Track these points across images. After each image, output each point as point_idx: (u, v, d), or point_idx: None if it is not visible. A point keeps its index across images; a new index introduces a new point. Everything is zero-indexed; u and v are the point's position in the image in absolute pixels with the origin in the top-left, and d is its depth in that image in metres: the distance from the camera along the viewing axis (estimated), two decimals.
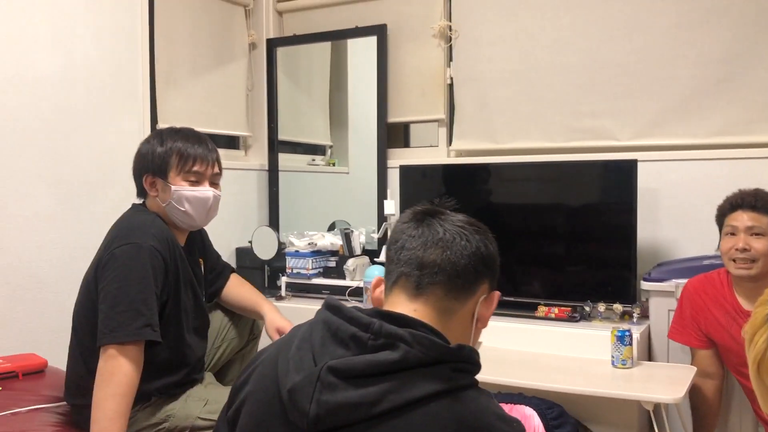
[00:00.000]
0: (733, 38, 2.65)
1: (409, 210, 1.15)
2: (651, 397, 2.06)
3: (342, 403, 0.93)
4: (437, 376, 0.95)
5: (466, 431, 0.93)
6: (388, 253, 1.12)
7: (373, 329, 0.97)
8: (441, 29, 3.21)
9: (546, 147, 3.01)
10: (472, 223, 1.13)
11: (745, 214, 2.14)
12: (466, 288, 1.08)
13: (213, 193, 1.92)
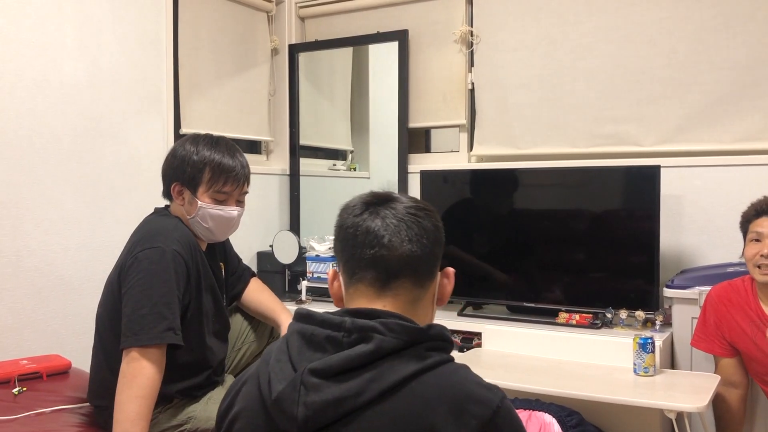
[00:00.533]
0: (758, 43, 2.62)
1: (358, 200, 1.12)
2: (674, 406, 2.03)
3: (328, 401, 0.96)
4: (413, 358, 0.99)
5: (449, 401, 0.96)
6: (344, 248, 1.10)
7: (346, 327, 1.00)
8: (462, 34, 3.21)
9: (568, 153, 2.99)
10: (420, 206, 1.12)
11: None
12: (430, 273, 1.11)
13: (238, 212, 1.93)
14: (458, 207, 3.04)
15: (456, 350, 2.76)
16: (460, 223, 3.02)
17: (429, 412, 0.95)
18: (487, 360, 2.56)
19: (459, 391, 0.97)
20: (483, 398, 0.98)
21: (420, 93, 3.36)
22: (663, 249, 2.59)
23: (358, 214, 1.10)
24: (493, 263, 2.92)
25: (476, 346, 2.72)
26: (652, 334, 2.36)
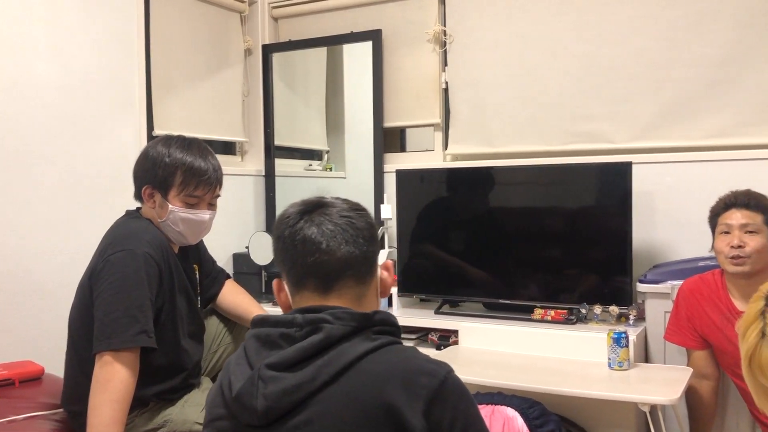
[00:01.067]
0: (727, 41, 2.67)
1: (292, 210, 1.17)
2: (647, 399, 2.06)
3: (285, 389, 1.02)
4: (362, 341, 1.06)
5: (399, 375, 1.02)
6: (285, 258, 1.14)
7: (297, 322, 1.07)
8: (436, 34, 3.23)
9: (542, 150, 3.02)
10: (354, 206, 1.18)
11: (738, 212, 2.16)
12: (370, 270, 1.17)
13: (209, 216, 1.92)
14: (434, 206, 3.05)
15: (433, 348, 2.77)
16: (436, 222, 3.03)
17: (381, 386, 1.01)
18: (464, 357, 2.58)
19: (408, 365, 1.04)
20: (430, 370, 1.04)
21: (395, 92, 3.36)
22: (636, 245, 2.62)
23: (293, 224, 1.14)
24: (469, 261, 2.94)
25: (453, 343, 2.74)
26: (626, 328, 2.39)
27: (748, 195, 2.20)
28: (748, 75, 2.64)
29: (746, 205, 2.17)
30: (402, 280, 3.03)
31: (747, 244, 2.12)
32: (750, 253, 2.12)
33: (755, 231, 2.13)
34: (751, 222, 2.14)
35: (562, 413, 2.35)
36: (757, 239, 2.12)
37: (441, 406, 1.01)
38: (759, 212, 2.15)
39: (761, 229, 2.14)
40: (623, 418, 2.35)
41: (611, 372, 2.30)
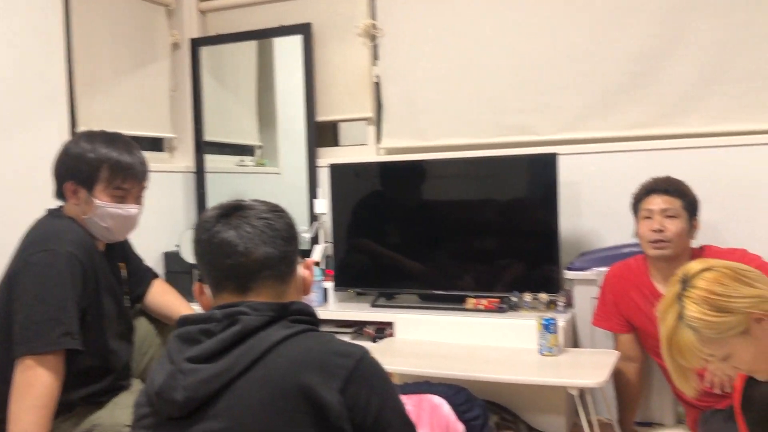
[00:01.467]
0: (647, 35, 2.76)
1: (209, 215, 1.18)
2: (575, 383, 2.13)
3: (203, 379, 1.05)
4: (279, 329, 1.09)
5: (315, 357, 1.06)
6: (204, 262, 1.16)
7: (215, 317, 1.10)
8: (366, 28, 3.23)
9: (473, 143, 3.06)
10: (272, 208, 1.21)
11: (659, 198, 2.25)
12: (289, 270, 1.19)
13: (137, 211, 1.88)
14: (368, 199, 3.06)
15: (369, 341, 2.78)
16: (370, 216, 3.04)
17: (297, 368, 1.04)
18: (399, 349, 2.60)
19: (324, 348, 1.08)
20: (346, 352, 1.09)
21: (326, 86, 3.35)
22: (563, 233, 2.69)
23: (210, 227, 1.16)
24: (404, 254, 2.96)
25: (389, 336, 2.76)
26: (555, 315, 2.46)
27: (667, 181, 2.30)
28: (666, 68, 2.74)
29: (666, 191, 2.26)
30: (337, 275, 3.03)
31: (667, 229, 2.21)
32: (670, 237, 2.21)
33: (675, 215, 2.22)
34: (671, 207, 2.23)
35: (495, 399, 2.41)
36: (677, 223, 2.22)
37: (357, 384, 1.05)
38: (678, 197, 2.25)
39: (680, 214, 2.23)
40: (554, 402, 2.42)
41: (541, 358, 2.36)
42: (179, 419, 1.06)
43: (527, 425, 2.40)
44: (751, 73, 2.62)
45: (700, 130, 2.70)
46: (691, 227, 2.26)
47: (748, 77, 2.63)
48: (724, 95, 2.66)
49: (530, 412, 2.44)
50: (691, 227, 2.27)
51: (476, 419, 1.92)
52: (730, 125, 2.66)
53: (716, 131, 2.67)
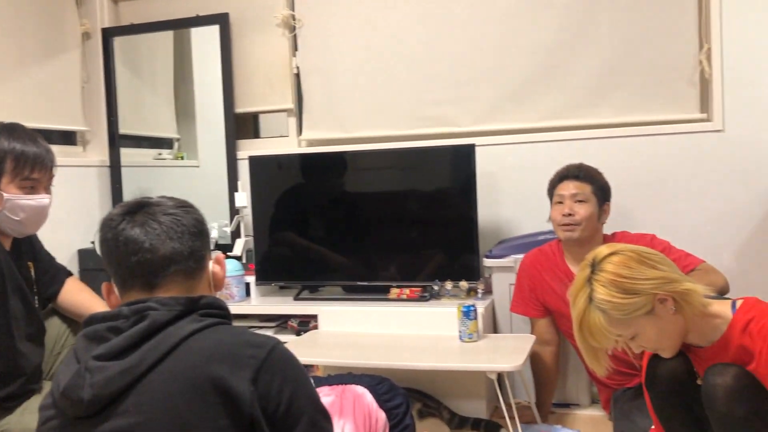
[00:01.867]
0: (558, 27, 2.85)
1: (115, 213, 1.17)
2: (493, 367, 2.19)
3: (111, 376, 1.02)
4: (188, 323, 1.08)
5: (226, 349, 1.06)
6: (111, 261, 1.14)
7: (123, 314, 1.08)
8: (285, 19, 3.20)
9: (393, 135, 3.09)
10: (179, 204, 1.20)
11: (570, 183, 2.36)
12: (198, 265, 1.17)
13: (49, 200, 1.82)
14: (290, 192, 3.04)
15: (293, 335, 2.78)
16: (292, 208, 3.02)
17: (206, 360, 1.04)
18: (323, 341, 2.61)
19: (234, 340, 1.08)
20: (258, 343, 1.09)
21: (245, 77, 3.30)
22: (481, 222, 2.75)
23: (115, 226, 1.14)
24: (327, 246, 2.96)
25: (313, 328, 2.76)
26: (474, 302, 2.52)
27: (579, 167, 2.40)
28: (577, 60, 2.84)
29: (576, 177, 2.37)
30: (259, 269, 3.01)
31: (576, 212, 2.31)
32: (579, 221, 2.30)
33: (584, 200, 2.32)
34: (580, 192, 2.33)
35: (418, 387, 2.44)
36: (586, 207, 2.32)
37: (269, 374, 1.05)
38: (588, 182, 2.35)
39: (590, 198, 2.33)
40: (474, 387, 2.48)
41: (462, 344, 2.41)
42: (86, 418, 1.04)
43: (450, 411, 2.44)
44: (653, 66, 2.75)
45: (609, 121, 2.81)
46: (601, 212, 2.36)
47: (650, 70, 2.75)
48: (628, 87, 2.78)
49: (452, 398, 2.49)
50: (602, 212, 2.37)
51: (398, 407, 1.95)
52: (636, 116, 2.78)
53: (623, 122, 2.79)
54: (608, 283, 1.50)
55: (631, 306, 1.49)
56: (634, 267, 1.51)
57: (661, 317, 1.51)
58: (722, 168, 2.68)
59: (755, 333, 1.49)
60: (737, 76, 2.65)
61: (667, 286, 1.50)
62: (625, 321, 1.50)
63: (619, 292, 1.49)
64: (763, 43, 2.62)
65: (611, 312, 1.50)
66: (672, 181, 2.74)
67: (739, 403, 1.48)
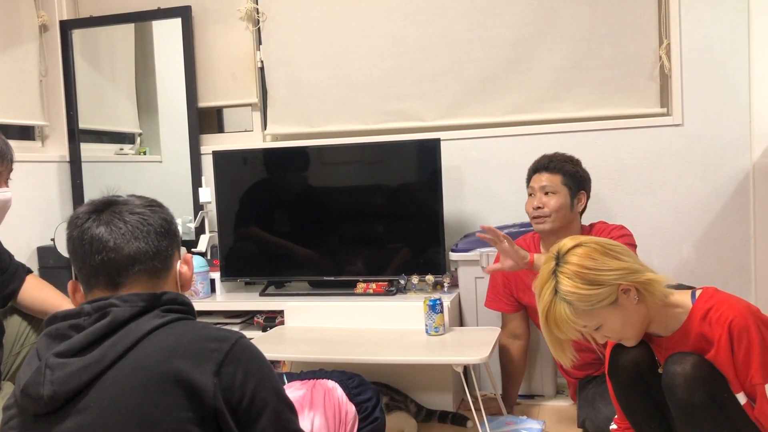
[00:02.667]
0: (522, 23, 2.87)
1: (81, 210, 1.17)
2: (459, 360, 2.21)
3: (72, 372, 1.02)
4: (151, 318, 1.08)
5: (187, 343, 1.06)
6: (76, 259, 1.14)
7: (85, 311, 1.08)
8: (248, 12, 3.16)
9: (358, 129, 3.08)
10: (147, 203, 1.19)
11: (541, 175, 2.37)
12: (164, 265, 1.17)
13: (11, 194, 1.78)
14: (255, 187, 3.01)
15: (259, 331, 2.76)
16: (258, 203, 3.00)
17: (168, 354, 1.04)
18: (289, 336, 2.60)
19: (197, 334, 1.08)
20: (221, 336, 1.09)
21: (209, 71, 3.26)
22: (447, 216, 2.77)
23: (81, 224, 1.14)
24: (293, 241, 2.95)
25: (279, 324, 2.74)
26: (440, 295, 2.53)
27: (550, 158, 2.40)
28: (540, 55, 2.86)
29: (546, 168, 2.37)
30: (225, 265, 2.98)
31: (546, 204, 2.32)
32: (548, 213, 2.32)
33: (554, 191, 2.33)
34: (550, 184, 2.34)
35: (385, 381, 2.45)
36: (556, 198, 2.32)
37: (232, 367, 1.06)
38: (558, 173, 2.35)
39: (560, 189, 2.34)
40: (441, 380, 2.50)
41: (428, 338, 2.42)
42: (46, 415, 1.03)
43: (416, 404, 2.46)
44: (614, 62, 2.79)
45: (572, 115, 2.85)
46: (575, 201, 2.36)
47: (611, 65, 2.80)
48: (590, 82, 2.82)
49: (419, 391, 2.51)
50: (576, 201, 2.36)
51: (368, 401, 1.96)
52: (597, 110, 2.82)
53: (585, 116, 2.83)
54: (573, 274, 1.53)
55: (596, 297, 1.52)
56: (598, 258, 1.54)
57: (624, 307, 1.54)
58: (681, 161, 2.74)
59: (714, 321, 1.53)
60: (696, 71, 2.70)
61: (630, 277, 1.53)
62: (590, 312, 1.53)
63: (584, 283, 1.52)
64: (720, 39, 2.67)
65: (576, 303, 1.52)
66: (633, 175, 2.79)
67: (698, 391, 1.52)
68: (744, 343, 1.49)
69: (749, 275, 2.70)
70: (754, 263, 2.70)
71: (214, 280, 2.98)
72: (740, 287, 2.70)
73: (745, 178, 2.68)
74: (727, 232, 2.71)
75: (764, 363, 1.48)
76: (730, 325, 1.50)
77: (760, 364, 1.48)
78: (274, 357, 2.44)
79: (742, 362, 1.50)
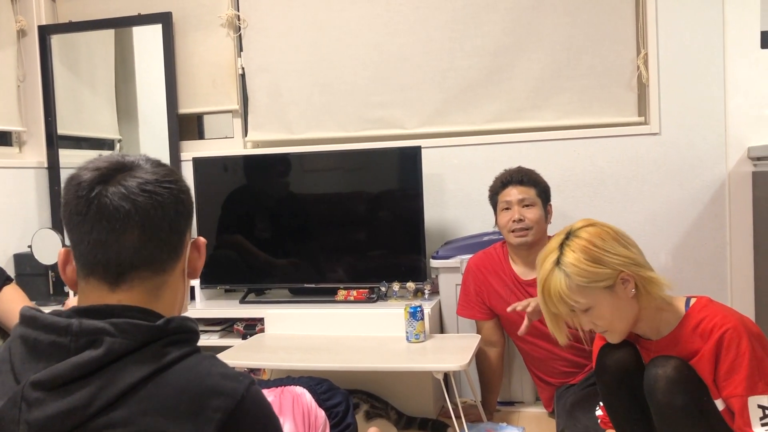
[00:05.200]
0: (502, 32, 2.90)
1: (88, 172, 0.97)
2: (440, 367, 2.21)
3: (52, 416, 0.87)
4: (150, 357, 0.91)
5: (188, 400, 0.90)
6: (72, 232, 0.97)
7: (72, 331, 0.91)
8: (229, 18, 3.16)
9: (340, 137, 3.09)
10: (162, 174, 1.00)
11: (515, 189, 2.39)
12: (174, 253, 1.01)
13: None
14: (236, 194, 3.00)
15: (239, 338, 2.75)
16: (238, 210, 2.99)
17: (165, 414, 0.89)
18: (269, 344, 2.59)
19: (199, 387, 0.92)
20: (226, 390, 0.93)
21: (189, 78, 3.25)
22: (428, 223, 2.78)
23: (85, 194, 0.95)
24: (273, 248, 2.94)
25: (260, 332, 2.73)
26: (421, 303, 2.54)
27: (520, 172, 2.44)
28: (519, 64, 2.89)
29: (520, 182, 2.40)
30: (204, 272, 2.93)
31: (526, 217, 2.35)
32: (530, 225, 2.34)
33: (531, 204, 2.37)
34: (527, 196, 2.37)
35: (366, 388, 2.45)
36: (534, 210, 2.36)
37: (235, 428, 0.92)
38: (532, 186, 2.40)
39: (536, 202, 2.38)
40: (421, 387, 2.50)
41: (409, 345, 2.42)
42: None
43: (397, 411, 2.46)
44: (593, 71, 2.82)
45: (551, 124, 2.87)
46: (546, 213, 2.42)
47: (590, 75, 2.83)
48: (569, 91, 2.85)
49: (400, 398, 2.51)
50: (547, 213, 2.42)
51: (338, 405, 1.95)
52: (576, 119, 2.85)
53: (564, 125, 2.86)
54: (579, 248, 1.54)
55: (595, 275, 1.52)
56: (607, 240, 1.55)
57: (619, 296, 1.55)
58: (659, 170, 2.78)
59: (706, 331, 1.53)
60: (673, 81, 2.74)
61: (633, 267, 1.54)
62: (585, 290, 1.53)
63: (587, 258, 1.53)
64: (696, 50, 2.71)
65: (574, 277, 1.52)
66: (611, 183, 2.82)
67: (679, 394, 1.53)
68: (732, 353, 1.49)
69: (725, 282, 2.74)
70: (730, 270, 2.73)
71: (194, 288, 2.96)
72: (717, 294, 2.73)
73: (721, 186, 2.72)
74: (703, 239, 2.75)
75: (751, 376, 1.47)
76: (722, 335, 1.50)
77: (747, 375, 1.47)
78: (255, 365, 2.43)
79: (726, 371, 1.50)
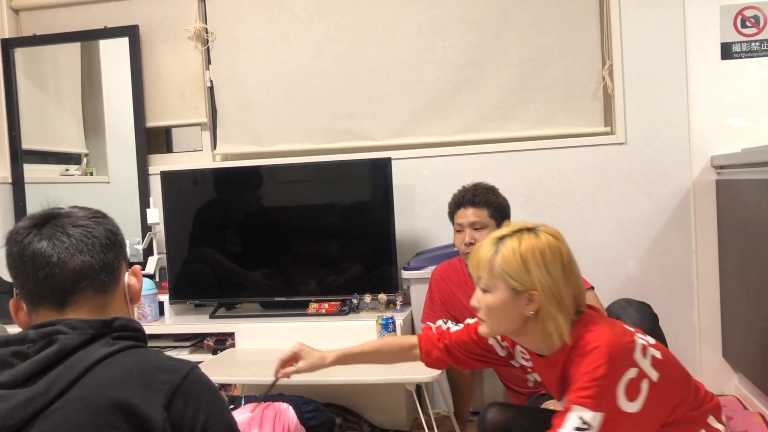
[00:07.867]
0: (469, 44, 2.92)
1: (23, 223, 1.11)
2: (411, 378, 2.21)
3: (17, 404, 0.98)
4: (100, 347, 1.03)
5: (138, 374, 1.02)
6: (17, 276, 1.09)
7: (29, 338, 1.03)
8: (197, 31, 3.15)
9: (309, 149, 3.08)
10: (91, 214, 1.14)
11: (467, 210, 2.33)
12: (111, 279, 1.13)
13: None
14: (205, 207, 2.98)
15: (210, 353, 2.72)
16: (208, 224, 2.97)
17: (116, 386, 0.99)
18: (240, 359, 2.56)
19: (148, 364, 1.04)
20: (172, 367, 1.05)
21: (157, 91, 3.23)
22: (399, 234, 2.78)
23: (22, 239, 1.08)
24: (244, 262, 2.92)
25: (230, 347, 2.71)
26: (393, 314, 2.54)
27: (474, 192, 2.37)
28: (486, 75, 2.92)
29: (472, 203, 2.34)
30: (173, 287, 2.93)
31: (476, 240, 2.29)
32: None
33: (482, 227, 2.32)
34: (478, 219, 2.32)
35: (338, 401, 2.44)
36: (485, 233, 2.30)
37: (183, 399, 1.02)
38: (484, 207, 2.33)
39: (488, 223, 2.33)
40: (394, 399, 2.50)
41: None
42: None
43: (370, 424, 2.45)
44: (559, 82, 2.86)
45: (518, 134, 2.90)
46: None
47: (556, 85, 2.87)
48: (536, 102, 2.89)
49: (373, 411, 2.50)
50: None
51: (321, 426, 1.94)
52: (543, 129, 2.89)
53: (532, 135, 2.89)
54: (527, 244, 1.48)
55: (512, 272, 1.48)
56: (552, 259, 1.49)
57: (515, 305, 1.49)
58: (625, 179, 2.82)
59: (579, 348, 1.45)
60: (637, 91, 2.79)
61: (549, 297, 1.46)
62: (497, 275, 1.49)
63: (522, 256, 1.47)
64: (659, 60, 2.77)
65: (498, 258, 1.50)
66: (578, 192, 2.85)
67: None
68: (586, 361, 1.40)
69: (692, 288, 2.78)
70: (696, 276, 2.78)
71: (163, 303, 2.92)
72: (683, 300, 2.78)
73: (687, 195, 2.77)
74: (670, 246, 2.79)
75: (589, 388, 1.37)
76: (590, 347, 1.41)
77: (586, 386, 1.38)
78: (225, 380, 2.40)
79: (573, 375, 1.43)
